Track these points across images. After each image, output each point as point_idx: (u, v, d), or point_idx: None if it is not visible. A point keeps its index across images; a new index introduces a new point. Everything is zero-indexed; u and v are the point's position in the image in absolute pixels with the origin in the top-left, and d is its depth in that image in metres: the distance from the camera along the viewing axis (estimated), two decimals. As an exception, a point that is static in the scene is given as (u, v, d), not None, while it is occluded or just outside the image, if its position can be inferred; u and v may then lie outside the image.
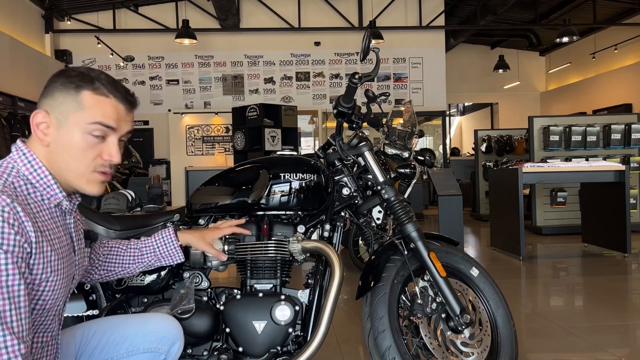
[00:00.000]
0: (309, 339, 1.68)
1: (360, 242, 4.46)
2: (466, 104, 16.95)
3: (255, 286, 1.79)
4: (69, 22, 10.13)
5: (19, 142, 1.18)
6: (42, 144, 1.16)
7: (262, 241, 1.77)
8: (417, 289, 1.85)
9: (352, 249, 4.50)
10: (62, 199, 1.19)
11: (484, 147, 8.82)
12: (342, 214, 1.90)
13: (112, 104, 1.18)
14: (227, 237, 1.78)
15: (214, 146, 10.69)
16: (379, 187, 1.87)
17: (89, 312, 1.73)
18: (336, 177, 1.91)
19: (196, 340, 1.71)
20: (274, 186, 1.77)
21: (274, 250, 1.76)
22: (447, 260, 1.90)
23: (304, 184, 1.79)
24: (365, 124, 2.00)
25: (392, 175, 3.99)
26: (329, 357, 2.57)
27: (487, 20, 10.40)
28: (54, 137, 1.16)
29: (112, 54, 10.08)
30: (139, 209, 3.75)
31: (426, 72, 11.19)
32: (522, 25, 12.10)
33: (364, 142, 1.90)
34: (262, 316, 1.72)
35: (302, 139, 11.51)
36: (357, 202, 1.92)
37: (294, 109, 7.86)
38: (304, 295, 1.79)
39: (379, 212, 1.95)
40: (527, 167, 4.95)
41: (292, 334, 1.74)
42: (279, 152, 6.11)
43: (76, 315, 1.72)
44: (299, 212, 1.82)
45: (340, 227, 1.88)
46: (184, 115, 10.66)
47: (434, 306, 1.82)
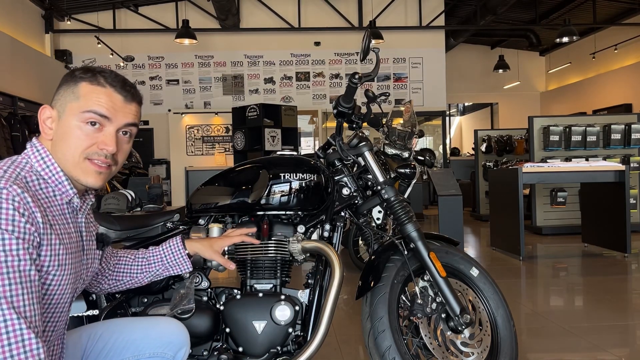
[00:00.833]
0: (309, 339, 1.68)
1: (360, 242, 4.46)
2: (466, 104, 16.95)
3: (255, 286, 1.79)
4: (69, 22, 10.12)
5: (34, 139, 1.21)
6: (47, 138, 1.19)
7: (262, 241, 1.77)
8: (417, 289, 1.85)
9: (352, 249, 4.50)
10: (72, 196, 1.20)
11: (484, 147, 8.82)
12: (342, 214, 1.90)
13: (107, 93, 1.19)
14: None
15: (214, 146, 10.69)
16: (379, 187, 1.87)
17: (89, 312, 1.73)
18: (336, 177, 1.91)
19: (196, 340, 1.70)
20: (274, 186, 1.77)
21: (274, 250, 1.76)
22: (447, 260, 1.90)
23: (304, 184, 1.79)
24: (365, 124, 2.00)
25: (392, 175, 3.99)
26: (329, 357, 2.57)
27: (487, 20, 10.40)
28: (55, 129, 1.19)
29: (112, 54, 10.08)
30: (139, 209, 3.75)
31: (426, 72, 11.19)
32: (522, 25, 12.10)
33: (364, 142, 1.90)
34: (262, 316, 1.72)
35: (302, 139, 11.51)
36: (357, 202, 1.92)
37: (294, 109, 7.86)
38: (304, 295, 1.79)
39: (379, 212, 1.95)
40: (527, 167, 4.95)
41: (292, 334, 1.74)
42: (279, 152, 6.11)
43: (76, 315, 1.72)
44: (299, 212, 1.82)
45: (340, 227, 1.88)
46: (184, 115, 10.66)
47: (434, 306, 1.82)
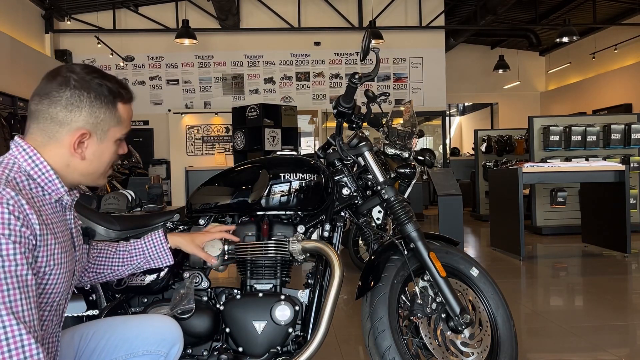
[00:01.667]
0: (309, 339, 1.68)
1: (360, 242, 4.46)
2: (466, 104, 16.95)
3: (255, 286, 1.79)
4: (69, 22, 10.12)
5: (18, 139, 1.18)
6: (79, 158, 1.20)
7: (262, 241, 1.77)
8: (417, 289, 1.85)
9: (352, 249, 4.50)
10: (63, 194, 1.20)
11: (484, 147, 8.82)
12: (342, 214, 1.90)
13: (130, 109, 1.28)
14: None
15: (214, 146, 10.69)
16: (379, 187, 1.87)
17: (89, 312, 1.73)
18: (336, 177, 1.91)
19: (196, 340, 1.71)
20: (274, 186, 1.77)
21: (274, 250, 1.76)
22: (447, 260, 1.90)
23: (303, 184, 1.78)
24: (365, 124, 2.00)
25: (392, 175, 3.99)
26: (329, 357, 2.57)
27: (487, 20, 10.40)
28: (91, 151, 1.21)
29: (112, 54, 10.08)
30: (139, 209, 3.75)
31: (426, 72, 11.19)
32: (522, 25, 12.10)
33: (364, 142, 1.90)
34: (262, 316, 1.72)
35: (302, 139, 11.52)
36: (357, 202, 1.92)
37: (294, 109, 7.86)
38: (304, 295, 1.79)
39: (379, 212, 1.95)
40: (527, 167, 4.95)
41: (292, 334, 1.74)
42: (279, 152, 6.11)
43: (76, 315, 1.72)
44: (299, 212, 1.82)
45: (340, 227, 1.88)
46: (184, 115, 10.66)
47: (434, 306, 1.82)
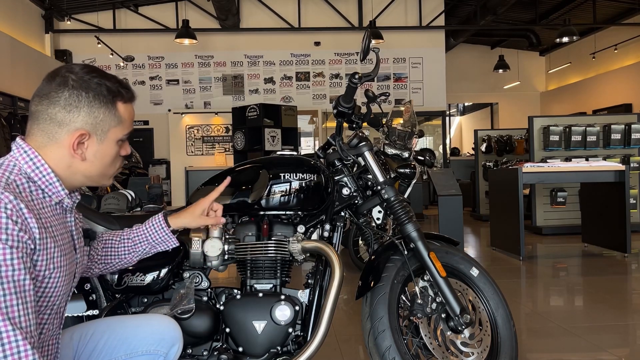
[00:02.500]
0: (309, 339, 1.68)
1: (360, 242, 4.46)
2: (466, 104, 16.95)
3: (255, 286, 1.79)
4: (69, 22, 10.12)
5: (19, 140, 1.17)
6: (79, 159, 1.19)
7: (262, 241, 1.77)
8: (417, 289, 1.85)
9: (352, 249, 4.50)
10: (64, 196, 1.19)
11: (484, 147, 8.82)
12: (342, 214, 1.90)
13: (132, 109, 1.27)
14: (227, 237, 1.78)
15: (214, 146, 10.70)
16: (379, 187, 1.87)
17: (89, 312, 1.73)
18: (336, 177, 1.91)
19: (196, 340, 1.71)
20: (274, 186, 1.77)
21: (274, 250, 1.76)
22: (447, 260, 1.90)
23: (304, 184, 1.78)
24: (365, 124, 2.00)
25: (392, 175, 3.99)
26: (329, 357, 2.57)
27: (487, 20, 10.40)
28: (92, 152, 1.20)
29: (112, 54, 10.08)
30: (139, 209, 3.75)
31: (426, 72, 11.19)
32: (522, 25, 12.10)
33: (364, 142, 1.90)
34: (262, 316, 1.72)
35: (302, 139, 11.52)
36: (357, 202, 1.92)
37: (294, 109, 7.86)
38: (304, 295, 1.79)
39: (379, 212, 1.95)
40: (527, 167, 4.95)
41: (292, 334, 1.74)
42: (279, 152, 6.11)
43: (76, 315, 1.72)
44: (299, 212, 1.82)
45: (340, 227, 1.88)
46: (184, 115, 10.66)
47: (434, 306, 1.82)
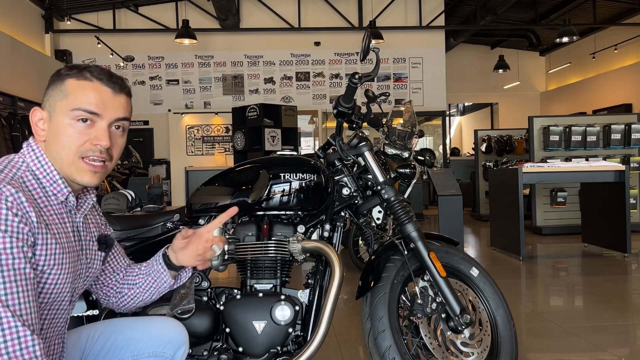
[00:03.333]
0: (309, 339, 1.68)
1: (360, 242, 4.46)
2: (466, 104, 16.94)
3: (255, 286, 1.79)
4: (69, 22, 10.12)
5: (31, 139, 1.20)
6: (40, 140, 1.19)
7: (262, 241, 1.77)
8: (417, 289, 1.84)
9: (352, 249, 4.50)
10: (67, 194, 1.19)
11: (484, 147, 8.82)
12: (342, 214, 1.90)
13: (95, 87, 1.17)
14: (227, 237, 1.78)
15: (214, 146, 10.69)
16: (379, 187, 1.87)
17: (89, 312, 1.73)
18: (336, 177, 1.91)
19: (196, 340, 1.70)
20: (274, 186, 1.77)
21: (274, 250, 1.76)
22: (447, 260, 1.90)
23: (304, 184, 1.78)
24: (365, 124, 2.00)
25: (392, 175, 3.99)
26: (329, 357, 2.57)
27: (487, 20, 10.40)
28: (47, 130, 1.18)
29: (112, 54, 10.08)
30: (139, 209, 3.75)
31: (426, 72, 11.19)
32: (522, 25, 12.10)
33: (364, 142, 1.90)
34: (262, 316, 1.72)
35: (302, 139, 11.52)
36: (357, 202, 1.92)
37: (294, 109, 7.86)
38: (304, 295, 1.79)
39: (379, 212, 1.95)
40: (527, 167, 4.95)
41: (292, 334, 1.74)
42: (279, 152, 6.11)
43: (76, 315, 1.72)
44: (299, 212, 1.82)
45: (340, 227, 1.88)
46: (184, 115, 10.66)
47: (434, 306, 1.82)
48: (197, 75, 10.96)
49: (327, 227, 1.85)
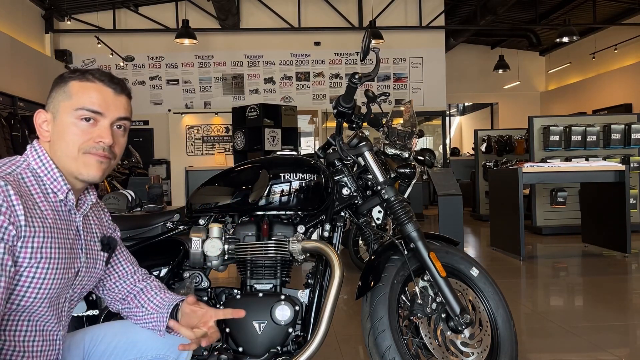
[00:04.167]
0: (309, 339, 1.68)
1: (360, 242, 4.46)
2: (466, 104, 16.94)
3: (255, 286, 1.79)
4: (69, 22, 10.12)
5: (35, 142, 1.24)
6: (45, 140, 1.23)
7: (262, 241, 1.77)
8: (417, 289, 1.85)
9: (352, 249, 4.50)
10: (67, 192, 1.21)
11: (484, 147, 8.82)
12: (342, 214, 1.90)
13: (97, 88, 1.22)
14: (227, 237, 1.78)
15: (214, 146, 10.69)
16: (379, 187, 1.87)
17: (89, 312, 1.73)
18: (336, 177, 1.91)
19: (196, 340, 1.70)
20: (274, 186, 1.77)
21: (274, 250, 1.76)
22: (447, 260, 1.90)
23: (304, 184, 1.78)
24: (365, 124, 2.00)
25: (392, 175, 3.98)
26: (329, 357, 2.57)
27: (487, 20, 10.40)
28: (52, 130, 1.22)
29: (112, 54, 10.08)
30: (139, 209, 3.74)
31: (426, 72, 11.18)
32: (522, 25, 12.10)
33: (364, 142, 1.90)
34: (262, 316, 1.72)
35: (302, 139, 11.52)
36: (357, 202, 1.92)
37: (294, 109, 7.86)
38: (304, 295, 1.79)
39: (379, 212, 1.95)
40: (527, 167, 4.95)
41: (292, 334, 1.74)
42: (279, 152, 6.11)
43: (76, 315, 1.72)
44: (299, 212, 1.82)
45: (340, 227, 1.88)
46: (184, 115, 10.66)
47: (434, 306, 1.82)
48: (197, 75, 10.96)
49: (327, 227, 1.85)
